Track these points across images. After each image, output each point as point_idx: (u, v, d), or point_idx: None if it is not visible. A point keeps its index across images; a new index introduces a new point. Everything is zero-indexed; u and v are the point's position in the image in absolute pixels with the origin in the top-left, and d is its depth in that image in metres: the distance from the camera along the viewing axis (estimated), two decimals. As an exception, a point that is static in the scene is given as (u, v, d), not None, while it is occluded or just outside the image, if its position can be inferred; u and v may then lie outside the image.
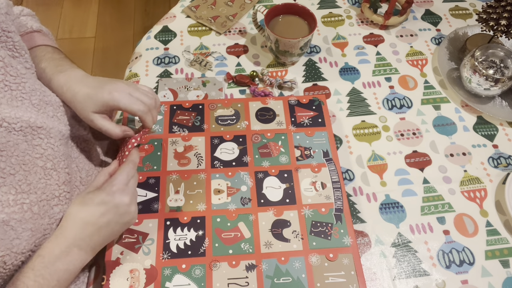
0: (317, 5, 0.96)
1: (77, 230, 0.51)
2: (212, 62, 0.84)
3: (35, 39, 0.63)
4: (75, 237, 0.50)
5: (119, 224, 0.54)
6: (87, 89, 0.57)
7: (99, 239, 0.53)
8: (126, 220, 0.55)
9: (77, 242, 0.50)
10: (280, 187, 0.66)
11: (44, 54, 0.61)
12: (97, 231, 0.52)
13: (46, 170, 0.52)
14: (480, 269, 0.63)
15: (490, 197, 0.70)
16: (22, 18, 0.64)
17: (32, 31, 0.64)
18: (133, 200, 0.55)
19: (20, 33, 0.62)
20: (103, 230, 0.52)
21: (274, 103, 0.75)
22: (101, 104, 0.57)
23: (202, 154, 0.68)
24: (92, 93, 0.56)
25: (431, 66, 0.86)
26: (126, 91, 0.58)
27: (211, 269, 0.58)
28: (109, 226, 0.53)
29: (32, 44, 0.62)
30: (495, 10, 0.75)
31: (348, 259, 0.60)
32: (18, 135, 0.49)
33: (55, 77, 0.58)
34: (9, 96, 0.49)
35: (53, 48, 0.64)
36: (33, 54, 0.61)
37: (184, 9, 0.93)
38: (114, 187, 0.53)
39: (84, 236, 0.51)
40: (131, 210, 0.55)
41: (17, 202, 0.47)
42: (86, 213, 0.52)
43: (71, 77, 0.58)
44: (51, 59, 0.61)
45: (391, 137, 0.76)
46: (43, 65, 0.59)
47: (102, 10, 2.04)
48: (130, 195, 0.54)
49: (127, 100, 0.57)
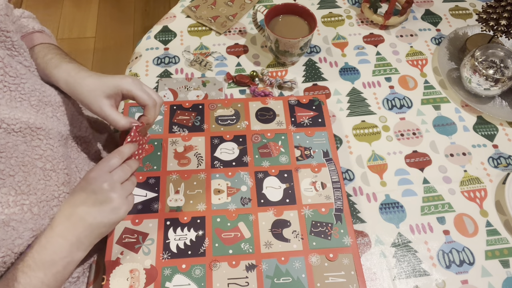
0: (317, 5, 0.96)
1: (61, 219, 0.49)
2: (212, 62, 0.84)
3: (38, 38, 0.63)
4: (60, 226, 0.49)
5: (102, 214, 0.50)
6: (97, 75, 0.56)
7: (84, 231, 0.50)
8: (109, 208, 0.50)
9: (61, 232, 0.49)
10: (280, 187, 0.66)
11: (50, 50, 0.61)
12: (80, 221, 0.49)
13: (45, 171, 0.52)
14: (480, 269, 0.63)
15: (490, 197, 0.70)
16: (23, 20, 0.64)
17: (34, 31, 0.64)
18: (115, 188, 0.51)
19: (22, 34, 0.62)
20: (87, 219, 0.50)
21: (274, 103, 0.75)
22: (113, 87, 0.55)
23: (202, 154, 0.68)
24: (103, 77, 0.55)
25: (431, 66, 0.86)
26: (136, 81, 0.57)
27: (211, 269, 0.58)
28: (91, 215, 0.50)
29: (35, 42, 0.62)
30: (495, 10, 0.75)
31: (348, 259, 0.60)
32: (17, 136, 0.49)
33: (63, 64, 0.57)
34: (8, 97, 0.49)
35: (57, 46, 0.65)
36: (37, 49, 0.61)
37: (184, 9, 0.93)
38: (92, 173, 0.51)
39: (68, 225, 0.49)
40: (112, 197, 0.50)
41: (17, 203, 0.47)
42: (69, 203, 0.50)
43: (80, 66, 0.58)
44: (57, 53, 0.61)
45: (391, 137, 0.76)
46: (49, 56, 0.59)
47: (102, 10, 2.04)
48: (109, 181, 0.50)
49: (139, 87, 0.56)
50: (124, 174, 0.53)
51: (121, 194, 0.51)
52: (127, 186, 0.53)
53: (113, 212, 0.51)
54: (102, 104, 0.55)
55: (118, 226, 0.61)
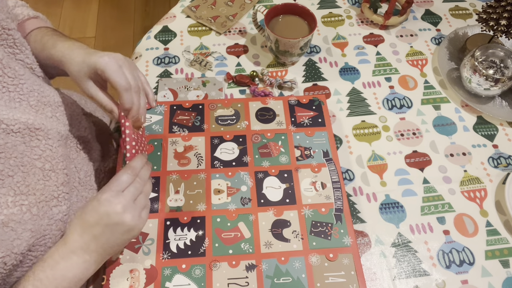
0: (317, 5, 0.96)
1: (75, 236, 0.50)
2: (212, 62, 0.84)
3: (33, 23, 0.62)
4: (73, 243, 0.49)
5: (115, 234, 0.50)
6: (85, 52, 0.53)
7: (97, 249, 0.50)
8: (122, 230, 0.50)
9: (75, 249, 0.49)
10: (280, 187, 0.66)
11: (46, 32, 0.60)
12: (94, 240, 0.50)
13: (44, 171, 0.52)
14: (480, 269, 0.63)
15: (490, 197, 0.70)
16: (17, 9, 0.63)
17: (29, 18, 0.63)
18: (128, 209, 0.50)
19: (18, 21, 0.61)
20: (100, 240, 0.50)
21: (274, 103, 0.75)
22: (92, 67, 0.52)
23: (202, 154, 0.68)
24: (87, 56, 0.53)
25: (431, 66, 0.86)
26: (119, 62, 0.53)
27: (211, 269, 0.58)
28: (104, 236, 0.50)
29: (30, 28, 0.61)
30: (495, 10, 0.75)
31: (348, 259, 0.60)
32: (16, 137, 0.49)
33: (58, 44, 0.56)
34: (7, 97, 0.49)
35: (53, 28, 0.63)
36: (34, 34, 0.60)
37: (184, 9, 0.93)
38: (104, 195, 0.50)
39: (81, 243, 0.50)
40: (125, 219, 0.49)
41: (16, 203, 0.47)
42: (82, 221, 0.50)
43: (74, 44, 0.56)
44: (53, 34, 0.59)
45: (391, 137, 0.76)
46: (46, 39, 0.58)
47: (102, 10, 2.04)
48: (123, 203, 0.50)
49: (114, 68, 0.52)
50: (136, 191, 0.52)
51: (135, 214, 0.51)
52: (141, 201, 0.52)
53: (127, 233, 0.51)
54: (86, 85, 0.53)
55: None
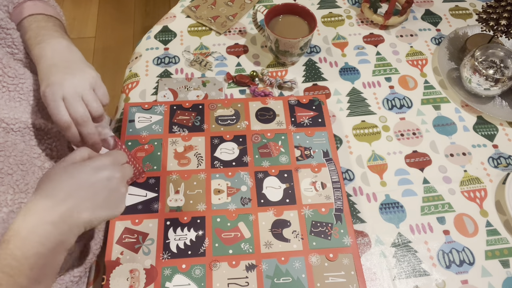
0: (317, 5, 0.96)
1: (45, 183, 0.43)
2: (212, 62, 0.84)
3: (25, 9, 0.58)
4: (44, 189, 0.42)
5: (100, 181, 0.43)
6: (44, 72, 0.50)
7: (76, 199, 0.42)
8: (106, 175, 0.44)
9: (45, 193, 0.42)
10: (280, 187, 0.66)
11: (30, 24, 0.57)
12: (67, 178, 0.43)
13: (44, 170, 0.52)
14: (480, 269, 0.63)
15: (490, 197, 0.70)
16: None
17: (25, 1, 0.60)
18: (116, 167, 0.46)
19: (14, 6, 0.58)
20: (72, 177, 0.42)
21: (274, 103, 0.75)
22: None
23: (202, 154, 0.68)
24: (42, 80, 0.50)
25: (431, 66, 0.86)
26: (59, 93, 0.48)
27: (211, 269, 0.58)
28: (80, 173, 0.43)
29: (21, 16, 0.58)
30: (495, 10, 0.75)
31: (348, 259, 0.60)
32: (16, 136, 0.49)
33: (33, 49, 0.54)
34: (7, 97, 0.49)
35: (43, 15, 0.59)
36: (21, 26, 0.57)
37: (184, 9, 0.93)
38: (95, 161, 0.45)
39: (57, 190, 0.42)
40: (113, 169, 0.45)
41: (15, 201, 0.47)
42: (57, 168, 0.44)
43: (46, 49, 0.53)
44: (36, 28, 0.56)
45: (391, 137, 0.76)
46: (27, 36, 0.56)
47: (102, 10, 2.04)
48: (112, 160, 0.46)
49: (52, 105, 0.48)
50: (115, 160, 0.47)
51: (122, 175, 0.46)
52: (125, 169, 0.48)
53: (110, 181, 0.45)
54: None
55: (118, 226, 0.61)
